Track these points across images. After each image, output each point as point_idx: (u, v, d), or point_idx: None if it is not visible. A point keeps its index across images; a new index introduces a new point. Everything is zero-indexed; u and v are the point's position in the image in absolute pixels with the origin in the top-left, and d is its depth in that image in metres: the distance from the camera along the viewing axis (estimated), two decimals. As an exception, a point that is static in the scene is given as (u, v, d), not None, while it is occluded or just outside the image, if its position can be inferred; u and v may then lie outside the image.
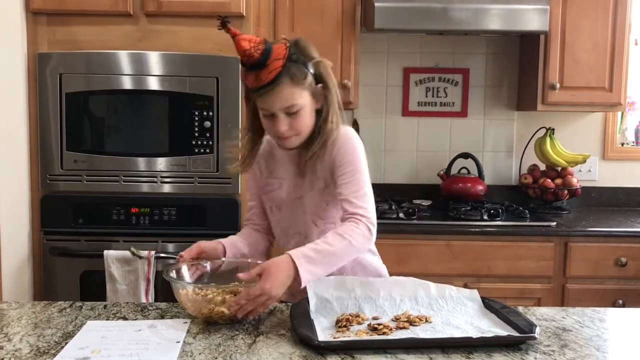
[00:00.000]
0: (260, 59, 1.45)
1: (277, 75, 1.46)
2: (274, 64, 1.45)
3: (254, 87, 1.48)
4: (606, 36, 2.82)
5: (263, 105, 1.52)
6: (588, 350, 1.29)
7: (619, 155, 3.26)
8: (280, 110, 1.50)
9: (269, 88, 1.47)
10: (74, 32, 2.50)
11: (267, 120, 1.55)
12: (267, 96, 1.48)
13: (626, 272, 2.61)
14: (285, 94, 1.48)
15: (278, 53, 1.46)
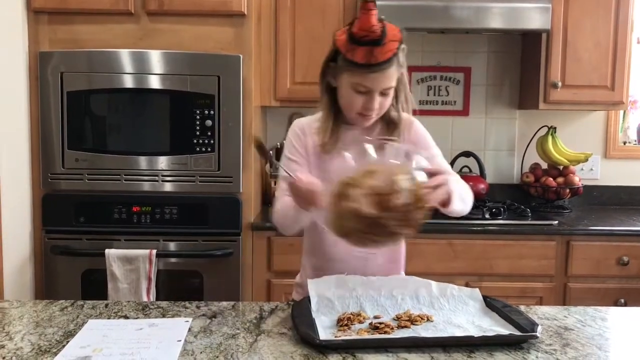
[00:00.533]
0: (380, 36, 1.46)
1: (393, 56, 1.48)
2: (391, 45, 1.48)
3: (363, 63, 1.48)
4: (608, 34, 2.82)
5: (364, 82, 1.51)
6: (590, 349, 1.28)
7: (621, 154, 3.25)
8: (378, 90, 1.52)
9: (383, 67, 1.48)
10: (76, 31, 2.50)
11: (357, 96, 1.54)
12: (376, 74, 1.49)
13: (628, 271, 2.61)
14: (391, 75, 1.52)
15: (394, 34, 1.50)
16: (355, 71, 1.51)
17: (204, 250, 2.50)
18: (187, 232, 2.53)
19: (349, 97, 1.56)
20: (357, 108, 1.57)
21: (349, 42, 1.49)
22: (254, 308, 1.52)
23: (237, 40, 2.52)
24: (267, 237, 2.58)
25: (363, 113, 1.57)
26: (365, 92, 1.53)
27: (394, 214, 1.22)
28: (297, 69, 2.79)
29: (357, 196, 1.23)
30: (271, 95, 2.81)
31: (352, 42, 1.49)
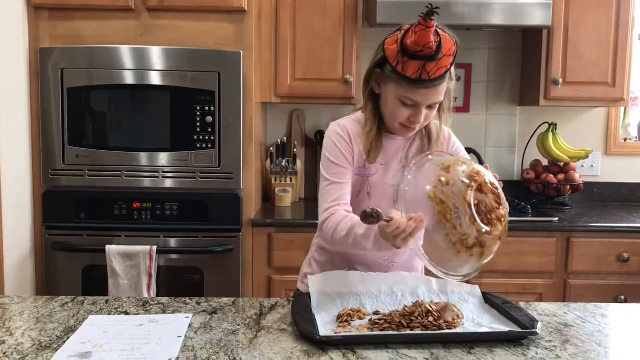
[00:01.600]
0: (436, 52, 1.41)
1: (446, 72, 1.43)
2: (445, 60, 1.42)
3: (417, 79, 1.42)
4: (609, 31, 2.81)
5: (412, 97, 1.46)
6: (590, 345, 1.28)
7: (621, 151, 3.25)
8: (426, 104, 1.48)
9: (436, 83, 1.44)
10: (76, 27, 2.50)
11: (403, 108, 1.49)
12: (427, 90, 1.45)
13: (628, 268, 2.61)
14: (441, 90, 1.47)
15: (449, 49, 1.43)
16: (404, 84, 1.45)
17: (205, 247, 2.50)
18: (188, 229, 2.53)
19: (394, 108, 1.51)
20: (401, 120, 1.52)
21: (401, 54, 1.43)
22: (254, 304, 1.52)
23: (237, 36, 2.52)
24: (267, 233, 2.58)
25: (407, 125, 1.53)
26: (412, 105, 1.49)
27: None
28: (297, 65, 2.78)
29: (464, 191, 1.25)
30: (272, 91, 2.80)
31: (404, 54, 1.42)
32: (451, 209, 1.26)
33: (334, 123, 1.65)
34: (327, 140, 1.62)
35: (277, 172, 2.97)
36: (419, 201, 1.31)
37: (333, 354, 1.21)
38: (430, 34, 1.40)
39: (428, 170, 1.35)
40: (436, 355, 1.21)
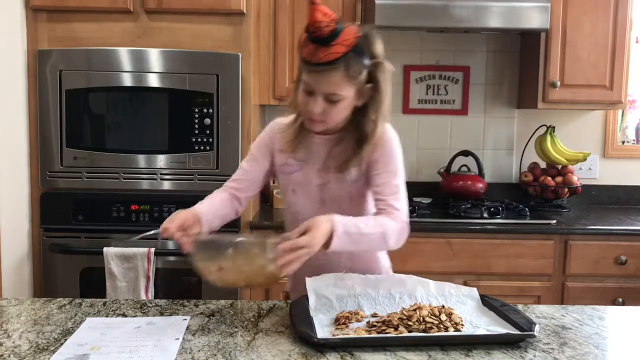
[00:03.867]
0: (327, 37, 1.41)
1: (334, 60, 1.42)
2: (336, 48, 1.42)
3: (308, 59, 1.44)
4: (607, 34, 2.82)
5: (308, 80, 1.48)
6: (587, 348, 1.29)
7: (619, 154, 3.26)
8: (321, 93, 1.48)
9: (322, 68, 1.43)
10: (74, 29, 2.50)
11: (304, 96, 1.51)
12: (316, 75, 1.46)
13: (626, 271, 2.61)
14: (334, 80, 1.45)
15: (345, 39, 1.42)
16: (303, 67, 1.48)
17: (203, 249, 2.50)
18: (186, 231, 2.52)
19: (299, 95, 1.53)
20: (302, 108, 1.53)
21: (306, 39, 1.45)
22: (252, 306, 1.52)
23: (236, 38, 2.52)
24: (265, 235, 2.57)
25: (308, 116, 1.52)
26: (310, 92, 1.49)
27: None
28: (296, 67, 2.77)
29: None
30: (270, 93, 2.80)
31: (307, 39, 1.45)
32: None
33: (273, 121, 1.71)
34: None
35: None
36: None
37: (331, 357, 1.21)
38: (316, 13, 1.40)
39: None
40: (434, 357, 1.22)
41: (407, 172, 3.44)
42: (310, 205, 1.63)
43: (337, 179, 1.60)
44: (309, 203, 1.64)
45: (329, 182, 1.61)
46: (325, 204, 1.62)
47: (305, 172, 1.63)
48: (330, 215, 1.43)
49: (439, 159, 3.16)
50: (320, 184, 1.62)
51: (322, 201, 1.63)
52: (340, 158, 1.58)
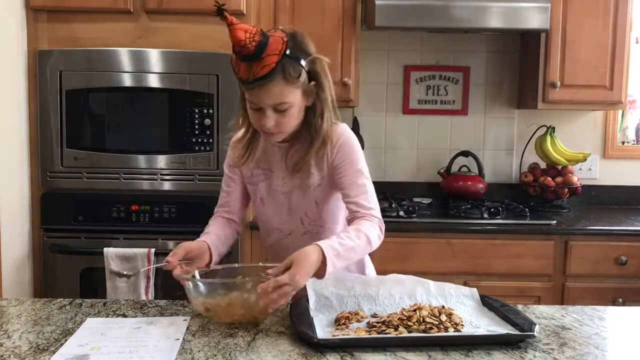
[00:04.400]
0: (255, 52, 1.38)
1: (270, 72, 1.40)
2: (268, 59, 1.40)
3: (245, 79, 1.43)
4: (607, 34, 2.82)
5: (252, 99, 1.48)
6: (587, 348, 1.29)
7: (619, 154, 3.26)
8: (268, 106, 1.46)
9: (261, 83, 1.41)
10: (74, 29, 2.50)
11: (253, 113, 1.50)
12: (257, 90, 1.44)
13: (626, 271, 2.61)
14: (276, 90, 1.43)
15: (274, 48, 1.40)
16: (244, 87, 1.47)
17: (203, 249, 2.50)
18: (186, 231, 2.51)
19: (249, 113, 1.52)
20: (256, 124, 1.53)
21: (236, 59, 1.44)
22: (252, 307, 1.52)
23: (236, 39, 2.52)
24: (265, 236, 2.58)
25: (263, 130, 1.52)
26: (257, 108, 1.48)
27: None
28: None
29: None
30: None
31: (236, 56, 1.44)
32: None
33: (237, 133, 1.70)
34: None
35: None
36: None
37: (331, 357, 1.21)
38: (237, 32, 1.40)
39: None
40: (434, 357, 1.22)
41: (408, 172, 3.45)
42: (278, 213, 1.66)
43: (301, 186, 1.61)
44: (277, 211, 1.66)
45: (294, 189, 1.62)
46: (292, 211, 1.64)
47: (270, 181, 1.64)
48: (315, 244, 1.41)
49: (439, 159, 3.16)
50: (285, 191, 1.63)
51: (289, 208, 1.64)
52: (294, 159, 1.59)
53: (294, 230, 1.66)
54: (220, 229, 1.70)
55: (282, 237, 1.68)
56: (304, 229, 1.65)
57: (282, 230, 1.67)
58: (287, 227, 1.66)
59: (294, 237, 1.65)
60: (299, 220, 1.64)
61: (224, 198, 1.74)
